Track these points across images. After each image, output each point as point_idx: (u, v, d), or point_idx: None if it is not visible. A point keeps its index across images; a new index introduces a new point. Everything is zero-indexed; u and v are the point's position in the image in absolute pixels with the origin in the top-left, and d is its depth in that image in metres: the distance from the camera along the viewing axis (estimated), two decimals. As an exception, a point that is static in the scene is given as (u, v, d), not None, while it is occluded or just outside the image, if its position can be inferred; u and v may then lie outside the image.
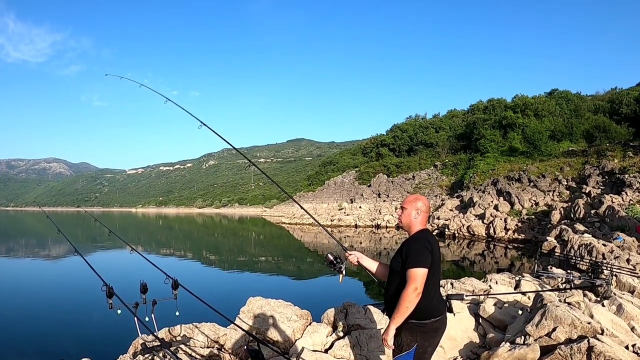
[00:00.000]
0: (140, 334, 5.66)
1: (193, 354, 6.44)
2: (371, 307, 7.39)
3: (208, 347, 6.80)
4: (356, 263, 4.53)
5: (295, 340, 6.77)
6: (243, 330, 6.48)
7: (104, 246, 34.84)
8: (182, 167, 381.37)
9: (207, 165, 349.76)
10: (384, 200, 61.82)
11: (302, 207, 6.37)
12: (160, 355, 5.52)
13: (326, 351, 6.59)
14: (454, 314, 7.57)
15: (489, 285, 9.92)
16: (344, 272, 4.57)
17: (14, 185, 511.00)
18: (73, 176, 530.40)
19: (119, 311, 4.79)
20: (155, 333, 5.29)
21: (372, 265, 4.56)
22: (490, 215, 36.97)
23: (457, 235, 37.39)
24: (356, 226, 51.43)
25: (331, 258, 4.60)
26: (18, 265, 25.05)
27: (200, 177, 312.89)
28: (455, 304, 7.71)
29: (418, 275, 3.83)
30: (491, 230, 34.81)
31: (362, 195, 67.11)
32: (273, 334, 6.88)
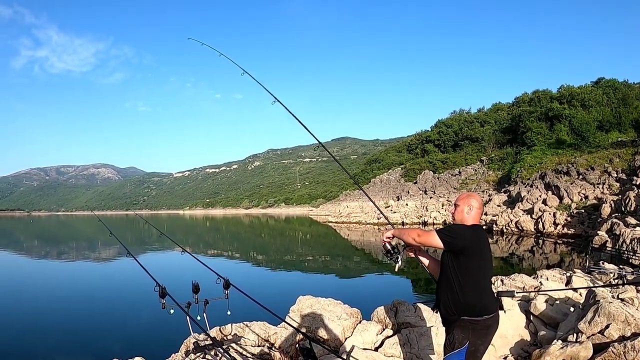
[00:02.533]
0: (192, 333, 5.75)
1: (244, 352, 6.52)
2: (421, 305, 7.36)
3: (259, 346, 6.87)
4: (413, 255, 4.55)
5: (346, 339, 6.79)
6: (294, 328, 6.53)
7: (154, 248, 35.45)
8: (227, 168, 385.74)
9: (252, 166, 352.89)
10: (431, 197, 61.41)
11: (370, 198, 6.40)
12: (212, 353, 5.60)
13: (376, 349, 6.60)
14: (505, 311, 7.47)
15: (540, 282, 9.78)
16: (400, 261, 4.58)
17: (64, 190, 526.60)
18: (121, 180, 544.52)
19: (171, 311, 4.86)
20: (207, 332, 5.37)
21: (427, 259, 4.59)
22: (539, 209, 36.36)
23: (505, 231, 36.95)
24: (403, 224, 51.11)
25: (389, 247, 4.62)
26: (72, 268, 25.68)
27: (246, 178, 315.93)
28: (505, 301, 7.60)
29: (431, 234, 3.96)
30: (540, 225, 34.23)
31: (408, 192, 66.83)
32: (323, 333, 6.91)
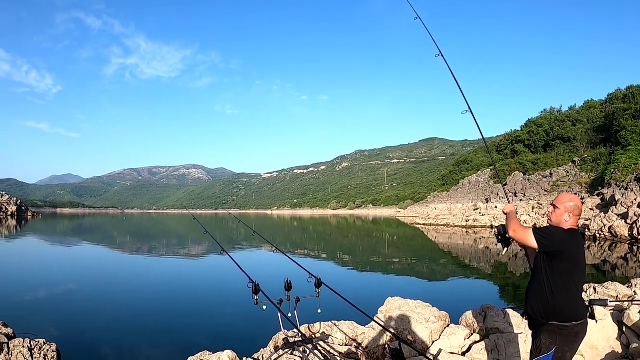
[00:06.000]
0: (282, 329, 5.90)
1: (332, 350, 6.64)
2: (510, 311, 7.25)
3: (346, 345, 6.97)
4: (523, 247, 4.52)
5: (433, 342, 6.78)
6: (383, 328, 6.59)
7: (245, 246, 36.24)
8: (315, 169, 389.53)
9: (340, 167, 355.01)
10: (521, 200, 59.91)
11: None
12: (301, 350, 5.75)
13: (463, 354, 6.57)
14: (596, 321, 7.26)
15: (634, 291, 9.40)
16: (508, 248, 4.58)
17: (156, 190, 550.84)
18: (211, 181, 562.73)
19: (264, 307, 5.02)
20: (298, 328, 5.50)
21: (533, 256, 4.51)
22: (634, 214, 34.59)
23: (598, 236, 35.50)
24: (492, 227, 50.00)
25: (502, 231, 4.61)
26: (168, 263, 26.61)
27: (333, 179, 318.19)
28: (597, 310, 7.38)
29: (527, 232, 3.95)
30: (635, 231, 32.51)
31: (497, 194, 65.44)
32: (410, 335, 6.91)
